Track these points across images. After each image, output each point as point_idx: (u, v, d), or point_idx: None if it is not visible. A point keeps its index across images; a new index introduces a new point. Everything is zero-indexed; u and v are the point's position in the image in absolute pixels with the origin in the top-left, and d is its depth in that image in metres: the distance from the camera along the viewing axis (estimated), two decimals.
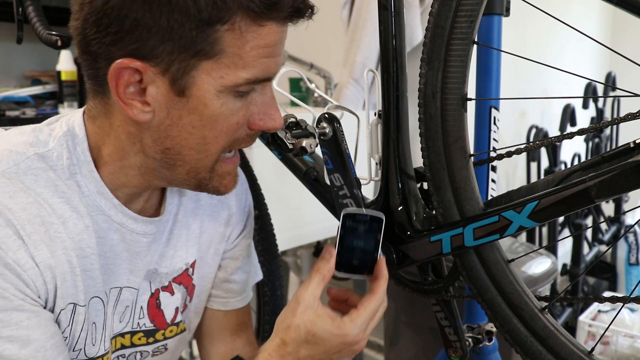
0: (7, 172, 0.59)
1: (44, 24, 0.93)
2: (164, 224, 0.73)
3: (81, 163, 0.63)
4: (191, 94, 0.58)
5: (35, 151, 0.61)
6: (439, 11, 0.59)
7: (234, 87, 0.58)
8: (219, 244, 0.80)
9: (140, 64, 0.55)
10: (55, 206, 0.60)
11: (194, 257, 0.77)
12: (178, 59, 0.55)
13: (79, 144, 0.63)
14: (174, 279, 0.75)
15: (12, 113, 1.48)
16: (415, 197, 0.68)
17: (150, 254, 0.71)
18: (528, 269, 1.27)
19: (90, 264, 0.64)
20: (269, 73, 0.60)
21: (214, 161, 0.63)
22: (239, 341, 0.85)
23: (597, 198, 0.52)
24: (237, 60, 0.57)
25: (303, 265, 2.06)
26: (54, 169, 0.62)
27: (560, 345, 0.60)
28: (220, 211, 0.80)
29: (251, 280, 0.88)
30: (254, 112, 0.62)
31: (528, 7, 0.66)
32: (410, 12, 1.56)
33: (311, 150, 0.66)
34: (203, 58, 0.56)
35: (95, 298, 0.66)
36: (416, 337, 1.40)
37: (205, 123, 0.59)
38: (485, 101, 0.88)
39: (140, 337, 0.74)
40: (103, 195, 0.64)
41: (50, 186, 0.61)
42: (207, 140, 0.60)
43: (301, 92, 1.83)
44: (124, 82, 0.57)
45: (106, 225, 0.65)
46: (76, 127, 0.64)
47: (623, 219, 2.48)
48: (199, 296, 0.80)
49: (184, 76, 0.56)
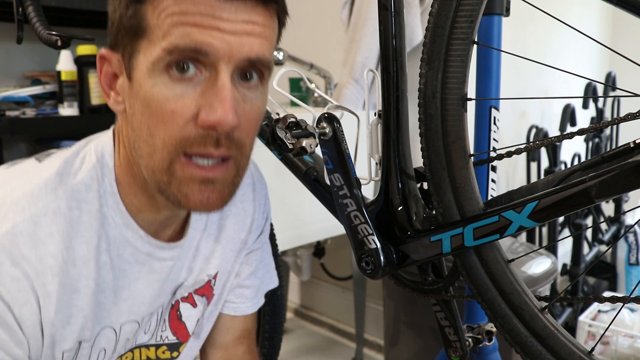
0: (35, 215, 0.57)
1: (44, 24, 0.93)
2: (190, 241, 0.72)
3: (108, 195, 0.62)
4: (133, 78, 0.57)
5: (64, 189, 0.60)
6: (439, 11, 0.59)
7: (157, 61, 0.54)
8: (241, 251, 0.79)
9: (108, 52, 0.60)
10: (77, 247, 0.59)
11: (216, 268, 0.76)
12: (129, 43, 0.57)
13: (107, 175, 0.62)
14: (195, 290, 0.74)
15: (12, 113, 1.48)
16: (415, 197, 0.68)
17: (175, 271, 0.71)
18: (528, 269, 1.27)
19: (105, 298, 0.63)
20: (194, 43, 0.53)
21: (165, 160, 0.57)
22: (240, 348, 0.84)
23: (597, 198, 0.52)
24: (157, 31, 0.54)
25: (303, 265, 2.06)
26: (84, 202, 0.60)
27: (560, 345, 0.60)
28: (244, 219, 0.79)
29: (264, 287, 0.86)
30: (200, 105, 0.55)
31: (528, 7, 0.66)
32: (410, 12, 1.56)
33: (311, 150, 0.66)
34: (139, 37, 0.56)
35: (107, 329, 0.65)
36: (416, 337, 1.40)
37: (144, 109, 0.56)
38: (485, 101, 0.88)
39: (164, 350, 0.74)
40: (129, 227, 0.63)
41: (75, 225, 0.60)
42: (151, 130, 0.57)
43: (301, 92, 1.83)
44: (103, 71, 0.61)
45: (133, 258, 0.64)
46: (106, 155, 0.63)
47: (623, 219, 2.48)
48: (215, 304, 0.79)
49: (131, 60, 0.57)
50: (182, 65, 0.54)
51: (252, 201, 0.80)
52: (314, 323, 2.38)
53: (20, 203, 0.58)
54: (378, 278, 0.69)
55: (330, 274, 2.17)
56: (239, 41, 0.55)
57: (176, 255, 0.69)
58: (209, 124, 0.55)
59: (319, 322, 2.36)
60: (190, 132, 0.56)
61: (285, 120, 0.68)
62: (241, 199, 0.79)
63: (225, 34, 0.54)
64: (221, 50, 0.54)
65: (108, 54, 0.60)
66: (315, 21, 2.13)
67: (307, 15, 2.13)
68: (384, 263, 0.67)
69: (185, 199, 0.58)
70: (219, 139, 0.56)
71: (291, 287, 2.43)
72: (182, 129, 0.55)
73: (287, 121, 0.68)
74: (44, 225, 0.57)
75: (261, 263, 0.85)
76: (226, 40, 0.54)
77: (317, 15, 2.13)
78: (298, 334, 2.30)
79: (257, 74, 0.59)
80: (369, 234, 0.68)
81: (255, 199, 0.81)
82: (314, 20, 2.13)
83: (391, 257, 0.68)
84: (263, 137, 0.78)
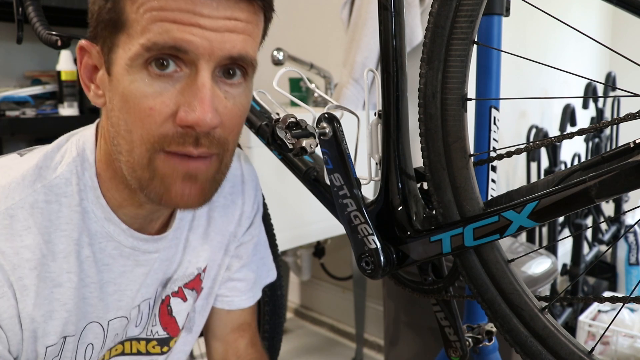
0: (10, 208, 0.57)
1: (44, 24, 0.93)
2: (179, 233, 0.72)
3: (88, 189, 0.62)
4: (113, 72, 0.56)
5: (43, 183, 0.59)
6: (439, 11, 0.59)
7: (136, 57, 0.53)
8: (230, 244, 0.79)
9: (88, 43, 0.58)
10: (56, 241, 0.59)
11: (205, 261, 0.76)
12: (108, 37, 0.56)
13: (87, 169, 0.62)
14: (185, 284, 0.74)
15: (12, 113, 1.48)
16: (415, 197, 0.68)
17: (165, 264, 0.70)
18: (528, 269, 1.27)
19: (89, 292, 0.62)
20: (173, 41, 0.52)
21: (144, 157, 0.56)
22: (241, 341, 0.84)
23: (597, 198, 0.52)
24: (136, 26, 0.53)
25: (303, 265, 2.06)
26: (63, 196, 0.60)
27: (560, 345, 0.60)
28: (232, 211, 0.78)
29: (260, 280, 0.86)
30: (179, 103, 0.54)
31: (528, 7, 0.66)
32: (410, 12, 1.56)
33: (311, 150, 0.66)
34: (118, 31, 0.55)
35: (93, 323, 0.64)
36: (416, 337, 1.40)
37: (123, 104, 0.55)
38: (485, 101, 0.88)
39: (154, 345, 0.73)
40: (111, 221, 0.63)
41: (54, 219, 0.59)
42: (129, 127, 0.56)
43: (301, 92, 1.83)
44: (83, 63, 0.60)
45: (117, 252, 0.64)
46: (87, 150, 0.63)
47: (623, 219, 2.48)
48: (205, 298, 0.79)
49: (110, 54, 0.56)
50: (162, 61, 0.53)
51: (240, 193, 0.79)
52: (314, 323, 2.38)
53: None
54: (378, 278, 0.69)
55: (330, 274, 2.17)
56: (220, 38, 0.53)
57: (161, 247, 0.68)
58: (187, 124, 0.54)
59: (319, 322, 2.36)
60: (169, 130, 0.55)
61: (285, 120, 0.68)
62: (230, 191, 0.78)
63: (206, 30, 0.53)
64: (201, 47, 0.53)
65: (88, 46, 0.59)
66: (315, 21, 2.13)
67: (307, 15, 2.13)
68: (384, 263, 0.67)
69: (167, 193, 0.57)
70: (198, 137, 0.55)
71: (291, 287, 2.43)
72: (160, 127, 0.55)
73: (287, 121, 0.68)
74: (20, 218, 0.57)
75: (255, 256, 0.84)
76: (207, 37, 0.53)
77: (317, 15, 2.13)
78: (298, 334, 2.30)
79: (241, 71, 0.58)
80: (369, 234, 0.68)
81: (245, 191, 0.80)
82: (314, 20, 2.13)
83: (391, 257, 0.68)
84: (263, 137, 0.78)
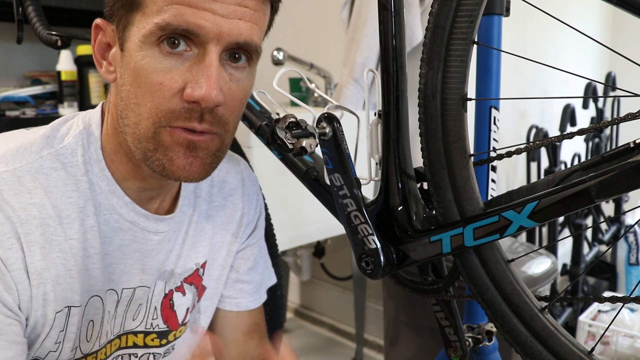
0: (18, 170, 0.60)
1: (44, 24, 0.93)
2: (179, 225, 0.73)
3: (93, 161, 0.64)
4: (125, 48, 0.60)
5: (49, 151, 0.62)
6: (439, 11, 0.59)
7: (149, 35, 0.57)
8: (232, 245, 0.80)
9: (103, 22, 0.62)
10: (61, 207, 0.61)
11: (204, 257, 0.77)
12: (124, 15, 0.59)
13: (93, 142, 0.65)
14: (185, 279, 0.75)
15: (12, 113, 1.48)
16: (415, 197, 0.68)
17: (163, 253, 0.71)
18: (528, 269, 1.27)
19: (92, 264, 0.64)
20: (186, 24, 0.56)
21: (150, 130, 0.59)
22: (251, 342, 0.84)
23: (597, 198, 0.52)
24: (152, 6, 0.57)
25: (303, 265, 2.06)
26: (69, 166, 0.63)
27: (560, 345, 0.60)
28: (232, 212, 0.80)
29: (265, 282, 0.87)
30: (187, 79, 0.58)
31: (528, 7, 0.66)
32: (410, 12, 1.56)
33: (311, 150, 0.66)
34: (134, 10, 0.58)
35: (95, 297, 0.66)
36: (416, 337, 1.40)
37: (134, 79, 0.59)
38: (485, 101, 0.88)
39: (153, 338, 0.74)
40: (115, 193, 0.65)
41: (60, 186, 0.61)
42: (138, 99, 0.59)
43: (301, 92, 1.83)
44: (97, 41, 0.63)
45: (117, 225, 0.66)
46: (93, 125, 0.66)
47: (623, 219, 2.48)
48: (210, 299, 0.79)
49: (124, 32, 0.60)
50: (173, 40, 0.57)
51: (240, 195, 0.82)
52: (314, 323, 2.38)
53: (4, 157, 0.60)
54: (378, 278, 0.69)
55: (330, 274, 2.17)
56: (229, 24, 0.57)
57: (160, 229, 0.69)
58: (193, 99, 0.57)
59: (319, 322, 2.36)
60: (176, 105, 0.58)
61: (285, 120, 0.68)
62: (230, 192, 0.81)
63: (217, 16, 0.56)
64: (211, 32, 0.56)
65: (103, 24, 0.62)
66: (315, 21, 2.13)
67: (307, 15, 2.13)
68: (384, 263, 0.67)
69: (169, 164, 0.60)
70: (203, 114, 0.59)
71: (291, 287, 2.43)
72: (168, 101, 0.58)
73: (287, 121, 0.68)
74: (27, 180, 0.59)
75: (261, 259, 0.86)
76: (217, 22, 0.56)
77: (317, 15, 2.13)
78: (298, 334, 2.30)
79: (246, 56, 0.62)
80: (369, 234, 0.68)
81: (245, 194, 0.82)
82: (314, 20, 2.13)
83: (391, 257, 0.68)
84: (263, 137, 0.78)
